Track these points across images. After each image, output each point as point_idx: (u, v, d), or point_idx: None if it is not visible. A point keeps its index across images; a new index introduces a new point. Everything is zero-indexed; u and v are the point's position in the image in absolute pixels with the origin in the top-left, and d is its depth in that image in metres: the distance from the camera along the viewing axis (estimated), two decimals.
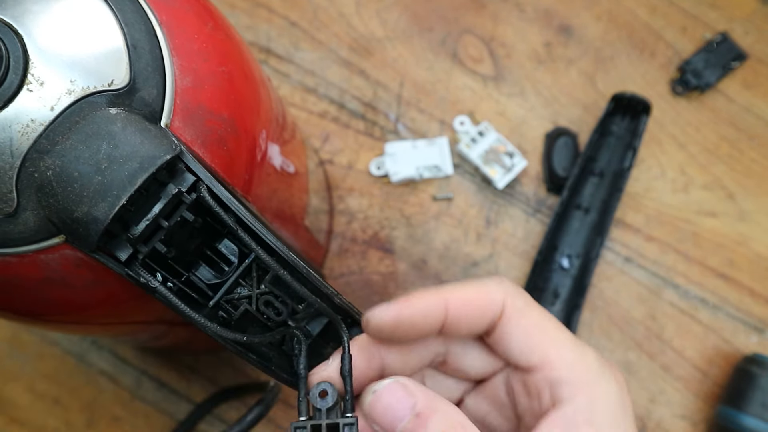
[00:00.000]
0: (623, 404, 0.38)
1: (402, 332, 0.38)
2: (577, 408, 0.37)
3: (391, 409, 0.36)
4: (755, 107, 0.82)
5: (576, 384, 0.38)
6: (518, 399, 0.41)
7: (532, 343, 0.39)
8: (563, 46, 0.83)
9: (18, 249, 0.37)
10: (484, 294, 0.39)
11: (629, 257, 0.78)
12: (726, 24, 0.83)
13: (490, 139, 0.78)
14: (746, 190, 0.80)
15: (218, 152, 0.39)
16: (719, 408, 0.72)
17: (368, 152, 0.80)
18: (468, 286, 0.39)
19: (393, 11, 0.83)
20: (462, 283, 0.39)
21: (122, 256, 0.36)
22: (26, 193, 0.35)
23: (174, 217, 0.36)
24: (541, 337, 0.39)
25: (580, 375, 0.38)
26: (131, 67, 0.37)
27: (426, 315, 0.38)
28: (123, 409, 0.74)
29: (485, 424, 0.42)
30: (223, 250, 0.40)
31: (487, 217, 0.79)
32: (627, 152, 0.78)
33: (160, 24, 0.39)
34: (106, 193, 0.34)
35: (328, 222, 0.76)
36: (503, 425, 0.43)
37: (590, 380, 0.38)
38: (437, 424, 0.36)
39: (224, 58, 0.42)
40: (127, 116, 0.35)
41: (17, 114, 0.35)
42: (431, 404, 0.36)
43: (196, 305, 0.39)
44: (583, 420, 0.37)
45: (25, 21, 0.36)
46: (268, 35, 0.83)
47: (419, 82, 0.82)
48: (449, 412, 0.37)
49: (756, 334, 0.76)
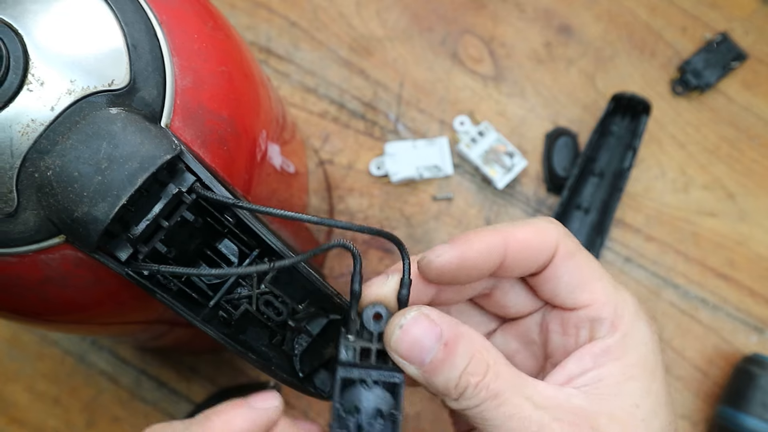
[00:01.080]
0: (654, 350, 0.39)
1: (464, 274, 0.38)
2: (611, 343, 0.38)
3: (419, 343, 0.36)
4: (755, 107, 0.82)
5: (615, 324, 0.39)
6: (551, 336, 0.41)
7: (582, 283, 0.39)
8: (563, 46, 0.83)
9: (18, 249, 0.37)
10: (543, 235, 0.39)
11: (629, 257, 0.78)
12: (726, 24, 0.83)
13: (490, 139, 0.78)
14: (746, 190, 0.80)
15: (218, 152, 0.39)
16: (719, 408, 0.72)
17: (368, 152, 0.80)
18: (526, 227, 0.39)
19: (393, 11, 0.83)
20: (518, 223, 0.39)
21: (122, 256, 0.36)
22: (26, 193, 0.35)
23: (174, 217, 0.36)
24: (591, 278, 0.40)
25: (620, 316, 0.39)
26: (131, 67, 0.37)
27: (487, 256, 0.38)
28: (123, 409, 0.74)
29: (512, 361, 0.41)
30: (223, 250, 0.40)
31: (487, 217, 0.79)
32: (627, 152, 0.78)
33: (160, 24, 0.39)
34: (107, 193, 0.34)
35: None
36: (528, 362, 0.43)
37: (627, 322, 0.39)
38: (464, 350, 0.36)
39: (224, 58, 0.42)
40: (128, 116, 0.35)
41: (17, 114, 0.35)
42: (456, 331, 0.36)
43: (197, 305, 0.39)
44: (614, 355, 0.38)
45: (25, 21, 0.36)
46: (268, 35, 0.83)
47: (419, 82, 0.82)
48: (473, 336, 0.37)
49: (756, 334, 0.76)
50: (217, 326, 0.39)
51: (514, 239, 0.38)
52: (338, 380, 0.37)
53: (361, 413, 0.37)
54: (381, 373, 0.37)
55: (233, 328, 0.40)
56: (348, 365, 0.37)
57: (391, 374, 0.37)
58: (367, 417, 0.37)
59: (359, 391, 0.37)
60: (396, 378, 0.37)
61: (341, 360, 0.37)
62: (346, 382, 0.37)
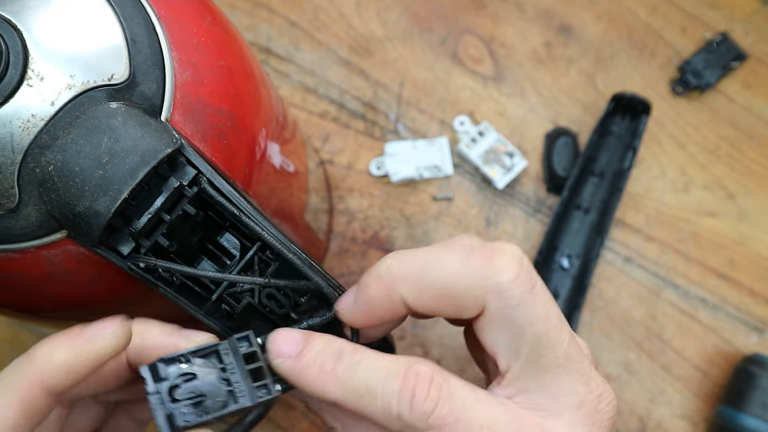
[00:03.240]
0: None
1: (375, 323, 0.38)
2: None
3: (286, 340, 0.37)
4: (755, 107, 0.82)
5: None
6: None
7: (507, 353, 0.36)
8: (563, 46, 0.83)
9: (20, 245, 0.37)
10: (456, 296, 0.35)
11: (629, 257, 0.78)
12: (726, 24, 0.83)
13: (490, 139, 0.78)
14: (746, 190, 0.80)
15: (218, 146, 0.39)
16: (719, 408, 0.72)
17: (368, 152, 0.80)
18: (443, 280, 0.36)
19: (393, 11, 0.84)
20: (444, 265, 0.36)
21: (124, 250, 0.36)
22: (28, 189, 0.35)
23: (176, 211, 0.36)
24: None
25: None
26: (131, 61, 0.37)
27: (392, 314, 0.37)
28: None
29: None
30: (224, 243, 0.40)
31: (487, 217, 0.79)
32: (627, 152, 0.78)
33: (158, 18, 0.39)
34: (108, 187, 0.34)
35: (328, 222, 0.76)
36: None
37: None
38: (319, 339, 0.37)
39: (223, 53, 0.42)
40: (128, 110, 0.35)
41: (18, 109, 0.35)
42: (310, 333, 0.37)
43: (199, 299, 0.39)
44: None
45: (24, 16, 0.36)
46: (268, 35, 0.83)
47: (419, 82, 0.82)
48: (325, 335, 0.37)
49: (756, 334, 0.76)
50: (220, 319, 0.39)
51: (416, 297, 0.36)
52: (213, 345, 0.36)
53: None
54: (242, 381, 0.36)
55: (236, 321, 0.40)
56: (233, 349, 0.37)
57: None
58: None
59: (212, 372, 0.36)
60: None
61: (233, 338, 0.37)
62: (214, 355, 0.37)
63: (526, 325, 0.35)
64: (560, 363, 0.36)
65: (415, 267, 0.36)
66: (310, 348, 0.36)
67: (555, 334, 0.35)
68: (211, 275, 0.38)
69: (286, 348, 0.36)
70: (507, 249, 0.35)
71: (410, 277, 0.36)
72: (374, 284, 0.36)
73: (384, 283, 0.36)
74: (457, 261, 0.35)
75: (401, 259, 0.36)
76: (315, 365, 0.36)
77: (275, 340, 0.37)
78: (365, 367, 0.35)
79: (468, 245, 0.36)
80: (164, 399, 0.35)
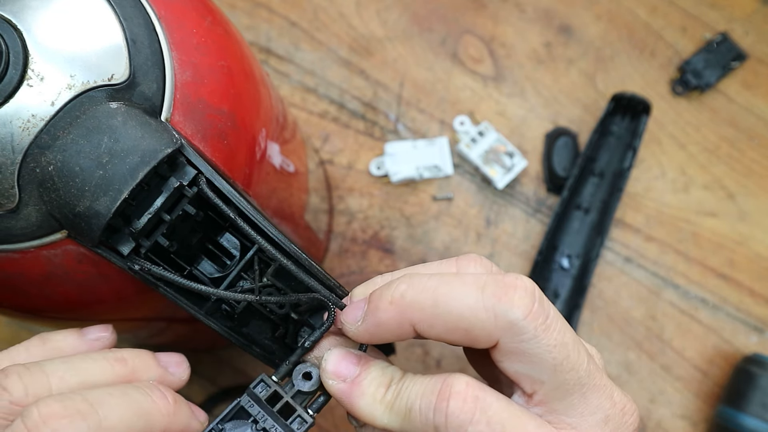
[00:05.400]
0: None
1: (382, 339, 0.38)
2: None
3: (343, 362, 0.38)
4: (755, 107, 0.82)
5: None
6: None
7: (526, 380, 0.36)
8: (563, 46, 0.83)
9: (20, 245, 0.37)
10: (469, 330, 0.35)
11: (629, 257, 0.78)
12: (726, 24, 0.83)
13: (490, 139, 0.78)
14: (746, 190, 0.80)
15: (218, 146, 0.39)
16: (719, 408, 0.72)
17: (368, 152, 0.80)
18: (450, 315, 0.35)
19: (393, 11, 0.83)
20: (458, 295, 0.35)
21: (124, 250, 0.36)
22: (28, 189, 0.35)
23: (176, 211, 0.36)
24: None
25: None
26: (131, 61, 0.37)
27: (399, 334, 0.37)
28: None
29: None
30: (224, 243, 0.40)
31: (487, 217, 0.79)
32: (627, 152, 0.78)
33: (158, 19, 0.39)
34: (108, 187, 0.34)
35: (328, 222, 0.76)
36: None
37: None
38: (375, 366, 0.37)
39: (223, 53, 0.42)
40: (128, 110, 0.35)
41: (18, 110, 0.35)
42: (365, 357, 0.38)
43: (199, 299, 0.39)
44: None
45: (24, 17, 0.36)
46: (268, 35, 0.83)
47: (419, 82, 0.82)
48: (378, 360, 0.38)
49: (756, 334, 0.76)
50: (220, 319, 0.39)
51: (439, 322, 0.36)
52: (236, 404, 0.37)
53: None
54: (276, 424, 0.37)
55: (236, 322, 0.40)
56: (254, 399, 0.37)
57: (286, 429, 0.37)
58: None
59: (246, 428, 0.37)
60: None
61: (251, 389, 0.37)
62: (241, 412, 0.37)
63: (544, 354, 0.35)
64: (584, 383, 0.36)
65: (428, 297, 0.36)
66: (366, 374, 0.37)
67: (574, 356, 0.36)
68: (202, 289, 0.37)
69: (344, 371, 0.37)
70: (519, 284, 0.35)
71: (423, 306, 0.36)
72: (386, 309, 0.36)
73: (396, 309, 0.36)
74: (471, 295, 0.35)
75: (414, 285, 0.36)
76: (368, 393, 0.36)
77: (332, 360, 0.37)
78: (407, 389, 0.36)
79: (482, 277, 0.36)
80: None
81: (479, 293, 0.35)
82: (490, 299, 0.35)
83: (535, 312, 0.35)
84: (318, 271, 0.38)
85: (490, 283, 0.35)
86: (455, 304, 0.35)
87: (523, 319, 0.34)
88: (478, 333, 0.35)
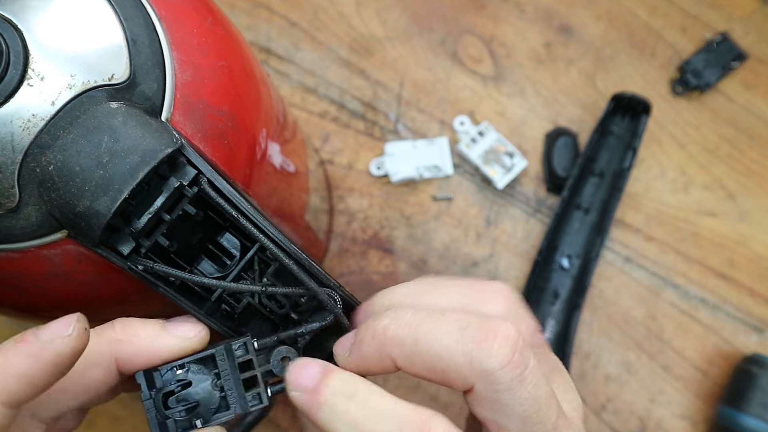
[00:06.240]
0: None
1: (370, 372, 0.37)
2: None
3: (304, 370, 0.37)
4: (755, 107, 0.82)
5: None
6: None
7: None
8: (563, 46, 0.83)
9: (20, 245, 0.37)
10: (445, 372, 0.35)
11: (629, 257, 0.78)
12: (726, 24, 0.83)
13: (490, 139, 0.78)
14: (746, 190, 0.80)
15: (219, 146, 0.39)
16: (719, 408, 0.72)
17: (368, 152, 0.80)
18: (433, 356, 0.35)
19: (393, 11, 0.84)
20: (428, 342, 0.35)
21: (125, 250, 0.36)
22: (28, 189, 0.35)
23: (176, 211, 0.36)
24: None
25: None
26: (131, 61, 0.37)
27: (384, 371, 0.37)
28: (123, 409, 0.74)
29: None
30: (225, 243, 0.40)
31: (487, 217, 0.79)
32: (627, 152, 0.78)
33: (159, 18, 0.39)
34: (108, 187, 0.34)
35: (328, 222, 0.76)
36: None
37: None
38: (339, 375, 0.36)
39: (224, 53, 0.42)
40: (128, 110, 0.35)
41: (18, 109, 0.35)
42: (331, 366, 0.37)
43: (199, 299, 0.39)
44: None
45: (24, 16, 0.36)
46: (268, 35, 0.83)
47: (419, 82, 0.82)
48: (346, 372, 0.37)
49: (756, 334, 0.76)
50: (220, 319, 0.39)
51: (416, 360, 0.35)
52: (211, 351, 0.37)
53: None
54: (234, 389, 0.37)
55: (236, 321, 0.40)
56: (229, 355, 0.37)
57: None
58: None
59: (207, 378, 0.37)
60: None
61: (230, 345, 0.37)
62: (211, 360, 0.37)
63: (516, 406, 0.34)
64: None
65: (409, 333, 0.35)
66: (326, 384, 0.35)
67: (544, 410, 0.35)
68: (206, 282, 0.37)
69: (302, 381, 0.36)
70: (501, 331, 0.34)
71: (403, 342, 0.35)
72: (368, 342, 0.36)
73: (378, 343, 0.36)
74: (451, 337, 0.34)
75: (398, 319, 0.36)
76: (327, 404, 0.35)
77: (292, 370, 0.36)
78: (379, 412, 0.34)
79: (466, 318, 0.35)
80: (158, 406, 0.36)
81: (459, 335, 0.34)
82: (468, 344, 0.34)
83: (513, 363, 0.34)
84: (318, 271, 0.38)
85: (473, 327, 0.35)
86: (434, 345, 0.35)
87: (500, 370, 0.34)
88: (453, 376, 0.35)
